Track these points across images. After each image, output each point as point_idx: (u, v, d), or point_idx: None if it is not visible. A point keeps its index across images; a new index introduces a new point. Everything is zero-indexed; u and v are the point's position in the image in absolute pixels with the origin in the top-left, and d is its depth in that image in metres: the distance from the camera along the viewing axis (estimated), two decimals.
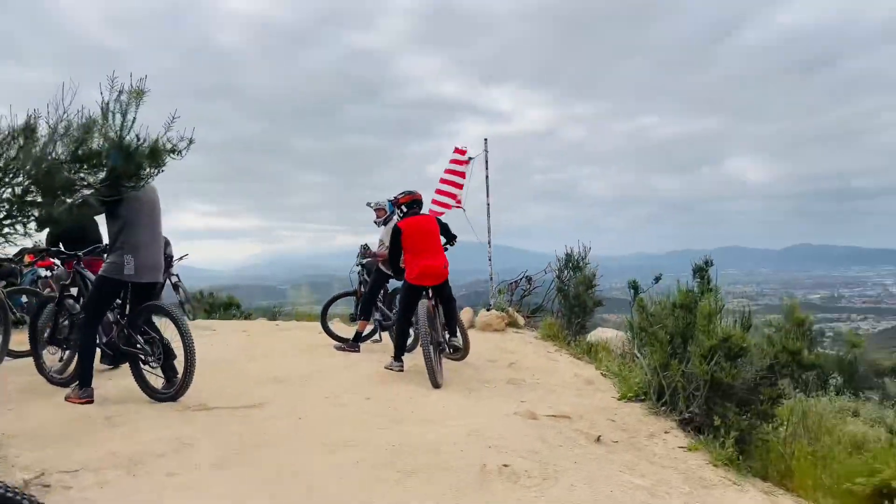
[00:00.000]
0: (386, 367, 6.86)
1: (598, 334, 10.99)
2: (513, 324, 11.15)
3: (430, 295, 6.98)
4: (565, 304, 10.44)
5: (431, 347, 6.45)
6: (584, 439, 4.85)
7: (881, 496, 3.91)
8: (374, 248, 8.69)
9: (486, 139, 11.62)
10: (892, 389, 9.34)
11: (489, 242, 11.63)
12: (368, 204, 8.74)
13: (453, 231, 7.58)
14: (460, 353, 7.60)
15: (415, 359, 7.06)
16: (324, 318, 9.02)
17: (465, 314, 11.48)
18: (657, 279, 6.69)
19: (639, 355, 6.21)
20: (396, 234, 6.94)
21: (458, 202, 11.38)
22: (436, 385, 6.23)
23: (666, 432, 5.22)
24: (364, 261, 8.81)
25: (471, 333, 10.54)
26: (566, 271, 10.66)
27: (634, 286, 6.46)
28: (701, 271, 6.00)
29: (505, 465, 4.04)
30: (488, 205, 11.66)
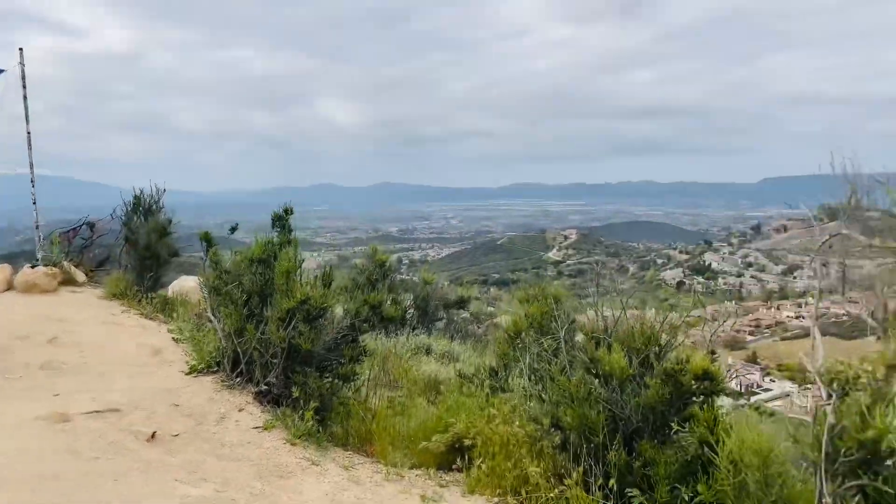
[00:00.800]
0: None
1: (181, 283, 9.78)
2: (70, 282, 9.17)
3: None
4: (135, 255, 8.90)
5: None
6: (134, 441, 3.84)
7: (454, 451, 3.89)
8: None
9: (20, 49, 9.06)
10: (456, 319, 10.42)
11: (32, 182, 9.25)
12: None
13: None
14: None
15: None
16: None
17: (0, 272, 9.03)
18: (233, 230, 5.87)
19: (213, 319, 5.35)
20: None
21: None
22: None
23: (240, 410, 4.53)
24: None
25: (9, 297, 8.36)
26: (136, 217, 9.06)
27: (207, 238, 5.51)
28: (280, 220, 5.36)
29: None
30: (28, 133, 9.20)
